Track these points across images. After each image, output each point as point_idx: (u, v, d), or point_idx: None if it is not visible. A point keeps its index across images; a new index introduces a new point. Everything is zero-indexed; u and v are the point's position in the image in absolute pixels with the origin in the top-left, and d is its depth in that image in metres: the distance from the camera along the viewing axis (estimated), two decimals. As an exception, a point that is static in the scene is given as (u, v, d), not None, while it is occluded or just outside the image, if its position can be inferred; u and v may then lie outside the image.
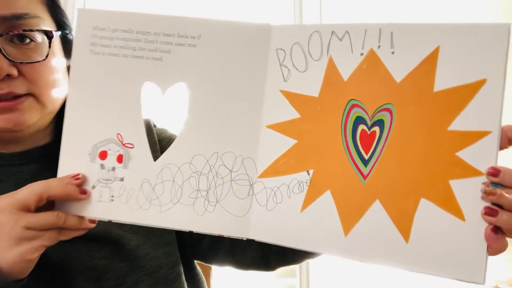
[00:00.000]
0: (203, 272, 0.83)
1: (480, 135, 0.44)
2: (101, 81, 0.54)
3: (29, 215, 0.50)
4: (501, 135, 0.44)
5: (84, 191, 0.53)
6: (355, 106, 0.49)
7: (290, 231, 0.51)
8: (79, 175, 0.53)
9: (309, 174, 0.51)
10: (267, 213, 0.52)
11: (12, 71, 0.58)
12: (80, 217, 0.53)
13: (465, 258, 0.44)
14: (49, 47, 0.62)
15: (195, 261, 0.80)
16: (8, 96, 0.59)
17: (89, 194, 0.53)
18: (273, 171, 0.52)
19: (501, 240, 0.43)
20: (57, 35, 0.64)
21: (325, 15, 1.69)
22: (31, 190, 0.50)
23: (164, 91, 0.54)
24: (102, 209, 0.53)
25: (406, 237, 0.46)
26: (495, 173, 0.43)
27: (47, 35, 0.62)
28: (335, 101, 0.50)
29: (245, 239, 0.54)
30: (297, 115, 0.52)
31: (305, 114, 0.52)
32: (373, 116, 0.48)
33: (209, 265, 0.87)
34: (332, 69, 0.50)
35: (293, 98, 0.52)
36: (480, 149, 0.44)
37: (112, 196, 0.53)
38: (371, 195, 0.48)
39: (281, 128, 0.53)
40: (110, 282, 0.64)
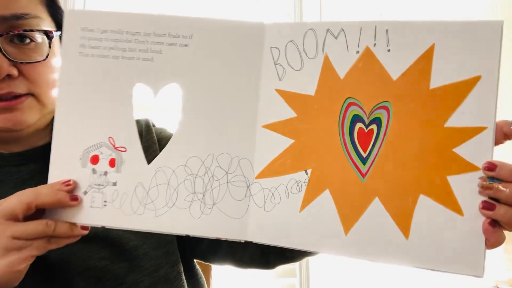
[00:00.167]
0: (203, 271, 0.85)
1: (476, 131, 0.47)
2: (91, 83, 0.56)
3: (16, 224, 0.51)
4: (496, 131, 0.47)
5: (75, 198, 0.54)
6: (352, 104, 0.52)
7: (289, 231, 0.53)
8: (70, 181, 0.54)
9: (307, 173, 0.53)
10: (265, 214, 0.54)
11: (12, 71, 0.60)
12: (71, 224, 0.54)
13: (464, 252, 0.47)
14: (49, 47, 0.64)
15: (195, 261, 0.83)
16: (8, 96, 0.61)
17: (80, 200, 0.54)
18: (270, 172, 0.54)
19: (499, 233, 0.46)
20: (57, 35, 0.66)
21: (325, 15, 1.73)
22: (18, 199, 0.51)
23: (156, 92, 0.56)
24: (94, 215, 0.54)
25: (406, 233, 0.49)
26: (491, 167, 0.46)
27: (47, 35, 0.64)
28: (332, 100, 0.52)
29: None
30: (293, 114, 0.54)
31: (301, 113, 0.54)
32: (370, 114, 0.51)
33: (209, 264, 0.89)
34: (328, 67, 0.53)
35: (289, 97, 0.54)
36: (476, 145, 0.47)
37: (105, 201, 0.55)
38: (370, 193, 0.50)
39: (277, 127, 0.54)
40: (110, 282, 0.66)
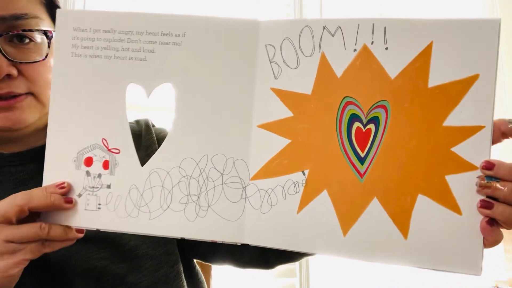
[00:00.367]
0: (203, 271, 0.88)
1: (474, 130, 0.50)
2: (83, 84, 0.57)
3: (9, 227, 0.52)
4: (494, 129, 0.49)
5: (69, 200, 0.56)
6: (349, 103, 0.53)
7: (287, 233, 0.55)
8: (64, 183, 0.56)
9: (304, 174, 0.55)
10: (262, 216, 0.55)
11: (11, 71, 0.62)
12: (66, 227, 0.56)
13: (462, 251, 0.49)
14: (49, 47, 0.66)
15: (195, 261, 0.85)
16: (8, 96, 0.63)
17: (75, 203, 0.56)
18: (266, 173, 0.56)
19: (497, 232, 0.48)
20: None
21: (325, 15, 1.75)
22: (11, 201, 0.53)
23: (149, 92, 0.57)
24: (89, 218, 0.56)
25: (405, 233, 0.51)
26: (489, 166, 0.48)
27: (46, 35, 0.66)
28: (329, 99, 0.54)
29: None
30: (290, 114, 0.55)
31: (298, 112, 0.55)
32: (368, 113, 0.53)
33: (208, 264, 0.92)
34: (325, 66, 0.54)
35: (285, 96, 0.56)
36: (474, 144, 0.49)
37: (99, 204, 0.56)
38: (368, 193, 0.52)
39: (273, 127, 0.56)
40: (109, 282, 0.68)
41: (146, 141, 0.77)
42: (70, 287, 0.66)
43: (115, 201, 0.56)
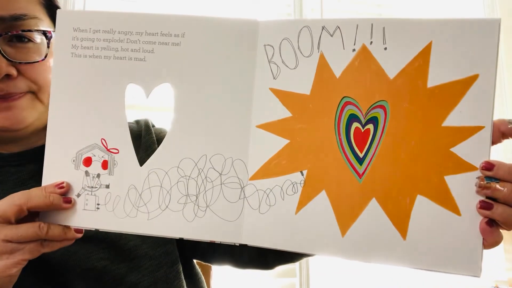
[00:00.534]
0: (203, 272, 0.87)
1: (473, 130, 0.49)
2: (83, 84, 0.57)
3: (8, 227, 0.52)
4: (494, 130, 0.48)
5: (68, 200, 0.55)
6: (348, 103, 0.53)
7: (285, 234, 0.54)
8: (63, 183, 0.56)
9: (303, 174, 0.54)
10: (260, 216, 0.55)
11: (11, 71, 0.62)
12: (65, 227, 0.55)
13: (461, 252, 0.49)
14: (48, 47, 0.66)
15: (194, 261, 0.85)
16: (7, 96, 0.63)
17: (73, 202, 0.56)
18: (265, 173, 0.55)
19: (496, 233, 0.48)
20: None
21: (325, 16, 1.75)
22: (10, 201, 0.52)
23: (148, 92, 0.57)
24: (88, 217, 0.56)
25: (403, 234, 0.50)
26: (489, 167, 0.48)
27: (45, 36, 0.66)
28: (328, 99, 0.54)
29: None
30: (288, 114, 0.55)
31: (296, 112, 0.55)
32: (367, 113, 0.52)
33: (208, 264, 0.92)
34: (323, 66, 0.54)
35: (284, 96, 0.55)
36: (473, 144, 0.49)
37: (98, 204, 0.56)
38: (367, 193, 0.52)
39: (272, 127, 0.55)
40: (109, 283, 0.67)
41: (146, 141, 0.76)
42: (69, 287, 0.66)
43: (113, 201, 0.56)
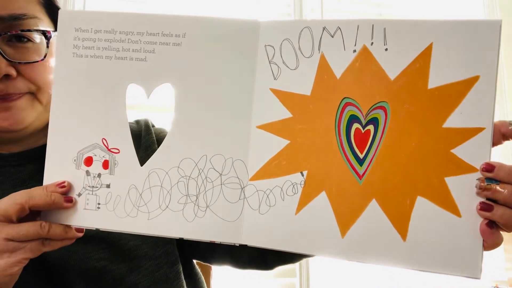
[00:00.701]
0: (203, 272, 0.87)
1: (474, 131, 0.48)
2: (84, 84, 0.57)
3: (10, 226, 0.52)
4: (494, 131, 0.48)
5: (69, 199, 0.55)
6: (348, 104, 0.52)
7: (285, 234, 0.54)
8: (64, 182, 0.55)
9: (303, 175, 0.54)
10: (260, 217, 0.54)
11: (10, 71, 0.62)
12: (66, 226, 0.55)
13: (461, 254, 0.48)
14: (47, 47, 0.65)
15: (194, 261, 0.85)
16: (6, 97, 0.63)
17: (75, 202, 0.55)
18: (265, 173, 0.55)
19: (496, 234, 0.47)
20: (55, 35, 0.67)
21: (325, 16, 1.75)
22: (12, 200, 0.52)
23: (149, 92, 0.56)
24: (88, 217, 0.55)
25: (403, 235, 0.50)
26: (489, 168, 0.47)
27: (45, 35, 0.65)
28: (328, 100, 0.53)
29: None
30: (289, 115, 0.54)
31: (297, 113, 0.54)
32: (368, 114, 0.52)
33: (208, 264, 0.91)
34: (324, 67, 0.53)
35: (284, 96, 0.55)
36: (474, 146, 0.48)
37: (98, 203, 0.56)
38: (367, 194, 0.51)
39: (272, 128, 0.55)
40: (109, 283, 0.67)
41: (146, 141, 0.76)
42: (69, 287, 0.65)
43: (114, 201, 0.56)
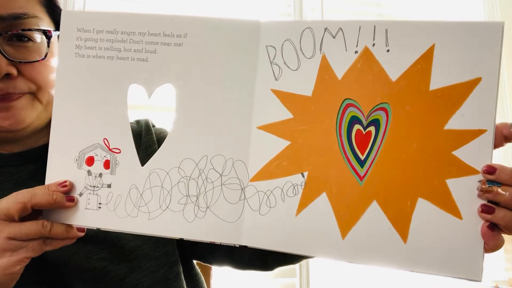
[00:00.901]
0: (203, 272, 0.87)
1: (475, 133, 0.48)
2: (86, 84, 0.56)
3: (12, 224, 0.52)
4: (496, 133, 0.47)
5: (71, 199, 0.55)
6: (350, 105, 0.52)
7: (285, 236, 0.53)
8: (66, 182, 0.55)
9: (303, 176, 0.53)
10: (260, 218, 0.54)
11: (11, 70, 0.61)
12: (67, 226, 0.55)
13: (462, 256, 0.47)
14: (48, 46, 0.65)
15: (194, 262, 0.84)
16: (6, 96, 0.62)
17: (76, 201, 0.55)
18: (265, 174, 0.54)
19: (498, 237, 0.47)
20: (55, 35, 0.67)
21: (325, 16, 1.74)
22: (14, 198, 0.52)
23: (150, 93, 0.56)
24: (89, 217, 0.55)
25: (404, 237, 0.49)
26: (491, 170, 0.46)
27: (46, 35, 0.65)
28: (329, 101, 0.52)
29: None
30: (290, 115, 0.54)
31: (298, 114, 0.54)
32: (369, 115, 0.51)
33: (208, 265, 0.91)
34: (325, 68, 0.53)
35: (285, 97, 0.54)
36: (475, 148, 0.47)
37: (99, 203, 0.55)
38: (368, 196, 0.50)
39: (273, 129, 0.54)
40: (109, 283, 0.67)
41: (146, 141, 0.75)
42: (69, 287, 0.65)
43: (115, 201, 0.55)
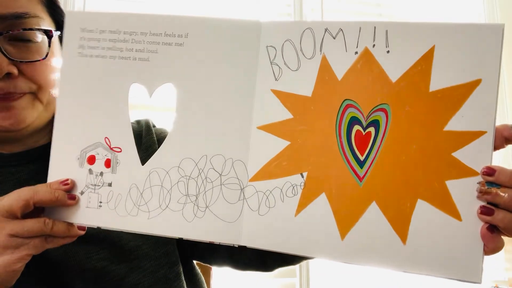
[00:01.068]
0: (203, 272, 0.86)
1: (475, 135, 0.47)
2: (89, 84, 0.56)
3: (14, 222, 0.51)
4: (496, 135, 0.47)
5: (73, 197, 0.55)
6: (349, 106, 0.51)
7: (284, 236, 0.53)
8: (68, 180, 0.55)
9: (303, 176, 0.53)
10: (260, 218, 0.53)
11: (12, 70, 0.61)
12: (69, 224, 0.55)
13: (462, 257, 0.47)
14: (49, 46, 0.64)
15: (194, 262, 0.83)
16: (7, 96, 0.62)
17: (77, 199, 0.55)
18: (265, 174, 0.54)
19: (497, 238, 0.46)
20: (56, 35, 0.67)
21: (325, 17, 1.74)
22: (17, 196, 0.52)
23: (151, 92, 0.56)
24: (90, 215, 0.55)
25: (403, 238, 0.48)
26: (490, 172, 0.46)
27: (47, 35, 0.65)
28: (329, 101, 0.52)
29: None
30: (290, 116, 0.54)
31: (298, 114, 0.53)
32: (368, 116, 0.51)
33: (208, 265, 0.90)
34: (325, 68, 0.52)
35: (285, 97, 0.54)
36: (475, 149, 0.47)
37: (100, 202, 0.55)
38: (367, 197, 0.50)
39: (273, 129, 0.54)
40: (109, 283, 0.66)
41: (146, 141, 0.75)
42: (69, 287, 0.64)
43: (115, 200, 0.55)
